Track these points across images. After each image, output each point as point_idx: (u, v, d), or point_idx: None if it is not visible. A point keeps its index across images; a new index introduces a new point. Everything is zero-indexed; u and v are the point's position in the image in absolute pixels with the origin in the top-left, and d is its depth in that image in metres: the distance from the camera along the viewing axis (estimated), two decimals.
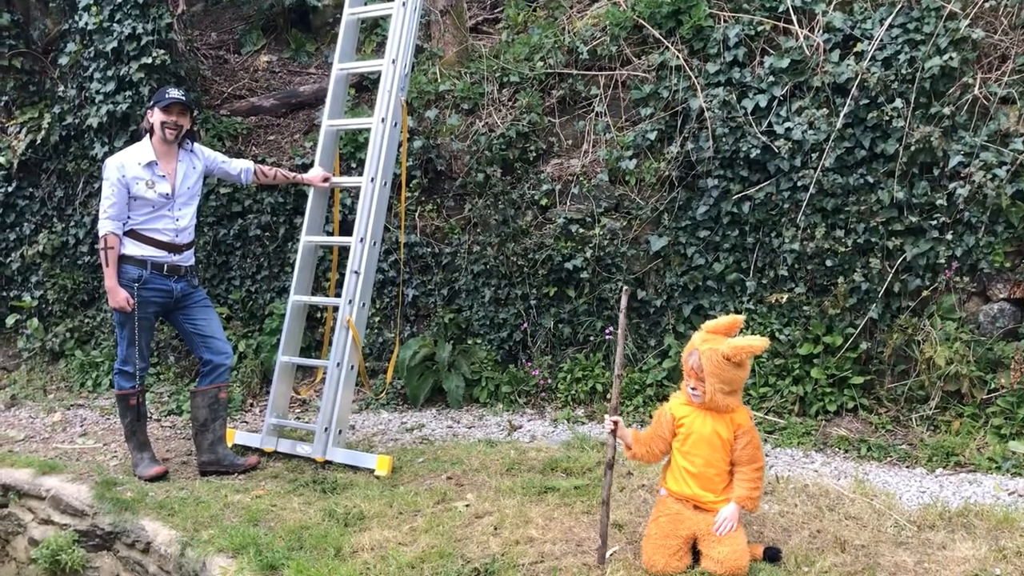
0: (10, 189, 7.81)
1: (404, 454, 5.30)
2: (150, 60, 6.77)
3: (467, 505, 4.36)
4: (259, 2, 8.52)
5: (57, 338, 7.73)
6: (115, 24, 6.83)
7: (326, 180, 5.59)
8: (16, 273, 7.96)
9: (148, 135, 5.15)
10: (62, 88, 7.50)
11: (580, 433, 5.50)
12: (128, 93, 6.89)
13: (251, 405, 6.67)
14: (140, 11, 6.79)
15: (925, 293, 5.34)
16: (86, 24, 6.91)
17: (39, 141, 7.55)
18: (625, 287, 3.87)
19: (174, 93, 5.08)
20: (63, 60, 7.31)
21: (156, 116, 5.08)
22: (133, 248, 5.05)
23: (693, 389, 3.53)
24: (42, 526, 5.00)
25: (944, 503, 4.20)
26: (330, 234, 5.99)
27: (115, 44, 6.82)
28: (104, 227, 4.97)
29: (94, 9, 6.83)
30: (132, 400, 5.23)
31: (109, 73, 6.93)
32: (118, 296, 4.98)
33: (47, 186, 7.83)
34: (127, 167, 5.00)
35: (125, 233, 5.04)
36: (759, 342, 3.42)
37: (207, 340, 5.29)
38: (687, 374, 3.55)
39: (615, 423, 3.61)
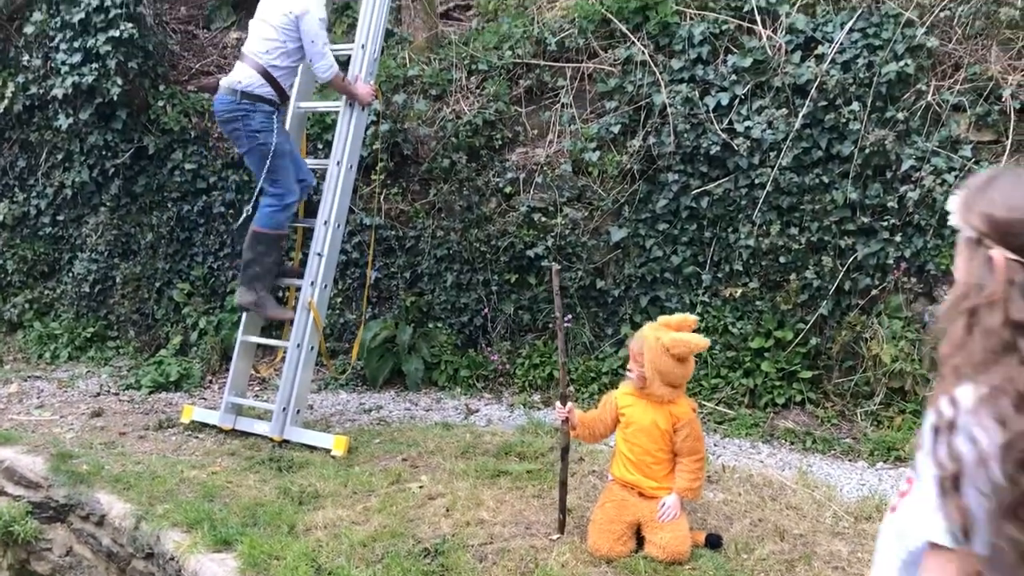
0: None
1: (361, 435, 5.38)
2: (118, 33, 6.71)
3: (421, 486, 4.45)
4: None
5: (15, 309, 7.69)
6: None
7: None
8: None
9: None
10: (27, 57, 7.41)
11: (535, 418, 5.60)
12: (95, 65, 6.82)
13: (210, 382, 6.70)
14: None
15: (874, 292, 5.50)
16: None
17: (2, 110, 7.47)
18: (555, 265, 3.95)
19: None
20: (29, 29, 7.21)
21: None
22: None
23: (629, 371, 3.67)
24: None
25: (882, 496, 4.35)
26: (295, 214, 6.01)
27: (83, 15, 6.74)
28: (335, 67, 5.23)
29: None
30: (284, 240, 5.41)
31: (76, 44, 6.86)
32: (366, 90, 5.40)
33: (9, 155, 7.76)
34: None
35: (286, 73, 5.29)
36: (700, 340, 3.54)
37: None
38: (631, 357, 3.68)
39: (569, 411, 3.73)
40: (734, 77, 5.80)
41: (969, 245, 1.50)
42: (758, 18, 5.86)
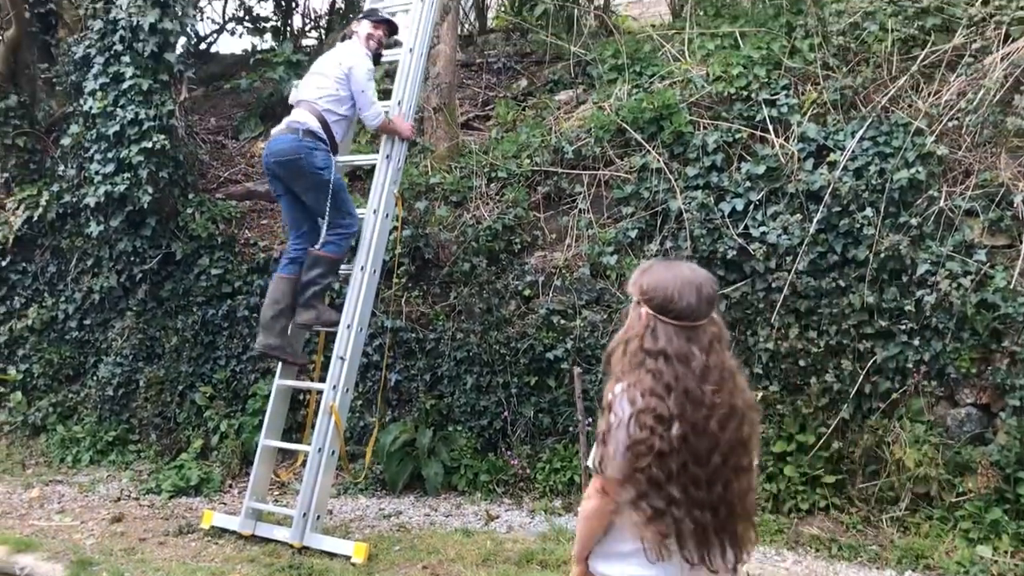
0: (4, 264, 7.94)
1: (381, 541, 5.33)
2: (150, 144, 6.96)
3: None
4: (258, 91, 8.80)
5: (39, 412, 7.75)
6: (118, 109, 7.04)
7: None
8: (3, 346, 8.02)
9: (363, 42, 5.77)
10: (62, 167, 7.70)
11: (557, 525, 5.54)
12: (127, 175, 7.05)
13: (230, 486, 6.69)
14: (144, 97, 7.01)
15: (895, 395, 5.48)
16: (90, 108, 7.12)
17: (36, 218, 7.71)
18: (576, 370, 4.00)
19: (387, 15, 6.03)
20: (65, 141, 7.51)
21: (384, 34, 5.86)
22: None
23: None
24: None
25: None
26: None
27: (117, 128, 7.01)
28: (383, 115, 5.67)
29: (99, 94, 7.05)
30: (341, 263, 5.71)
31: (109, 155, 7.10)
32: (406, 125, 5.84)
33: (40, 261, 7.96)
34: None
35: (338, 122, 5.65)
36: None
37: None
38: None
39: None
40: (748, 184, 5.94)
41: (634, 305, 2.49)
42: (770, 127, 6.04)
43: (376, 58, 5.85)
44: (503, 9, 11.20)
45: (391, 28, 5.98)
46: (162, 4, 7.03)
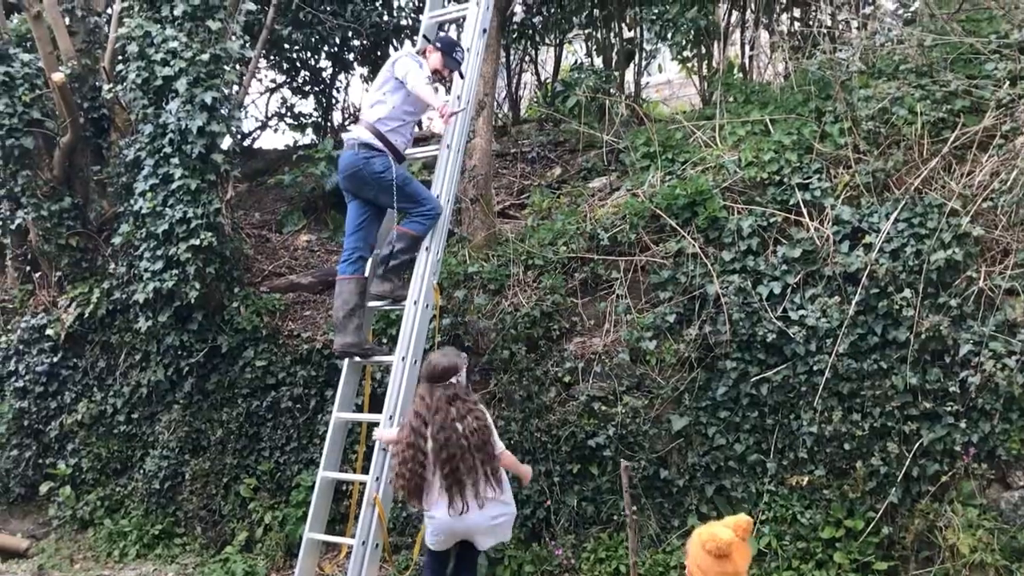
0: (55, 360, 8.13)
1: None
2: (198, 242, 7.17)
3: None
4: (301, 186, 9.06)
5: (88, 506, 7.84)
6: (167, 208, 7.27)
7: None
8: (53, 441, 8.16)
9: (423, 57, 5.95)
10: (112, 265, 7.93)
11: None
12: (175, 271, 7.24)
13: None
14: (192, 197, 7.25)
15: (944, 478, 5.40)
16: (140, 208, 7.37)
17: (87, 314, 7.92)
18: (624, 463, 4.00)
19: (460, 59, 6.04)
20: (116, 240, 7.76)
21: (437, 61, 5.92)
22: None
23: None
24: None
25: None
26: (359, 407, 6.19)
27: (166, 227, 7.23)
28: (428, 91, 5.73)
29: (149, 195, 7.31)
30: (422, 241, 5.86)
31: (158, 253, 7.31)
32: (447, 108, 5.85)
33: (90, 357, 8.14)
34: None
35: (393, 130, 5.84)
36: (726, 534, 3.38)
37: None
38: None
39: None
40: (785, 267, 5.98)
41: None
42: (804, 210, 6.10)
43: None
44: (536, 100, 11.51)
45: (456, 72, 6.13)
46: (209, 108, 7.32)
